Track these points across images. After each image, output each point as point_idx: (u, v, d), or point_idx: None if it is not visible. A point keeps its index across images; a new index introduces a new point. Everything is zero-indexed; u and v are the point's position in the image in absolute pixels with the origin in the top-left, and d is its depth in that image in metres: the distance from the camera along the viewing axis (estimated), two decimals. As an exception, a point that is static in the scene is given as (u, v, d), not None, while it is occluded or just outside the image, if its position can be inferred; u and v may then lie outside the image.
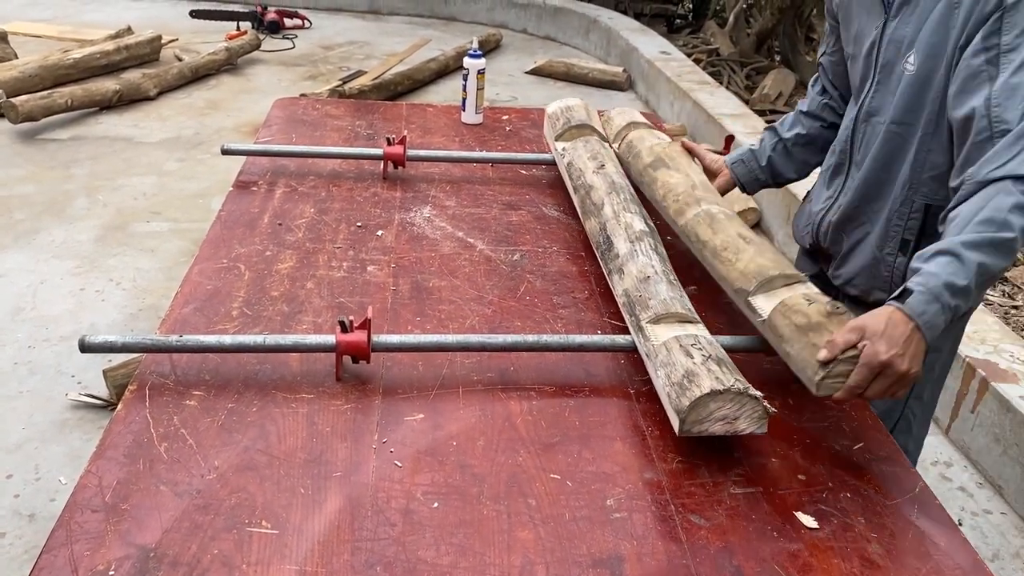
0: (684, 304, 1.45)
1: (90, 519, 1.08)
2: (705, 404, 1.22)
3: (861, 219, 1.62)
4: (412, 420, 1.31)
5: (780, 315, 1.35)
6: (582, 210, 1.87)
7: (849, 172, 1.64)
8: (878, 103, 1.54)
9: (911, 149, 1.51)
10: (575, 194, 1.93)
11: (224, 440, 1.24)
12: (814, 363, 1.25)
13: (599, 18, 7.50)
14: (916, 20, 1.45)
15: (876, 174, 1.57)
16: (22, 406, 2.72)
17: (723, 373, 1.24)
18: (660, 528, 1.14)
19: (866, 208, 1.61)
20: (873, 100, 1.55)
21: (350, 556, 1.06)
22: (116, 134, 5.00)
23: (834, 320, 1.30)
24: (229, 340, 1.37)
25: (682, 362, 1.28)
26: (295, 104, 2.67)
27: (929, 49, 1.43)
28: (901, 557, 1.13)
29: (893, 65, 1.50)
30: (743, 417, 1.23)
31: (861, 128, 1.59)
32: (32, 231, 3.83)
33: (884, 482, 1.27)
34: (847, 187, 1.65)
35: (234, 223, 1.86)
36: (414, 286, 1.68)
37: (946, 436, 2.88)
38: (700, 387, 1.22)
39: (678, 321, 1.41)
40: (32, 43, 6.53)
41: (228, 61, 6.27)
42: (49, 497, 2.37)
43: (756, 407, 1.23)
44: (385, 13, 8.61)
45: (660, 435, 1.31)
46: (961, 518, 2.52)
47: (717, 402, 1.22)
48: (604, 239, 1.69)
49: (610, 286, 1.63)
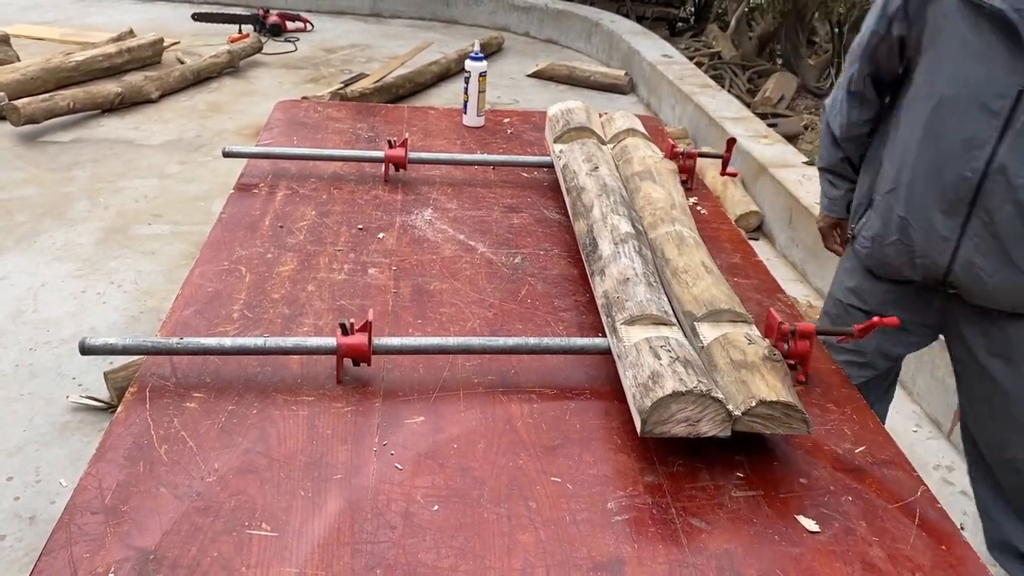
0: (661, 307, 1.45)
1: (90, 521, 1.08)
2: (667, 405, 1.21)
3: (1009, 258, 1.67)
4: (413, 423, 1.31)
5: (719, 346, 1.37)
6: (573, 212, 1.87)
7: (971, 219, 1.67)
8: (1013, 161, 1.57)
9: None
10: (567, 195, 1.94)
11: (224, 442, 1.23)
12: (737, 399, 1.26)
13: (601, 21, 7.51)
14: None
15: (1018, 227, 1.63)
16: (23, 408, 2.72)
17: (688, 375, 1.24)
18: (661, 531, 1.14)
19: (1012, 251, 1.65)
20: (1006, 155, 1.58)
21: (350, 559, 1.05)
22: (117, 136, 5.00)
23: (767, 365, 1.31)
24: (230, 342, 1.37)
25: (650, 363, 1.28)
26: (296, 107, 2.67)
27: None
28: (903, 561, 1.13)
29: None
30: (705, 420, 1.23)
31: (992, 179, 1.61)
32: (33, 233, 3.83)
33: (886, 486, 1.27)
34: (972, 231, 1.68)
35: (235, 225, 1.86)
36: (415, 289, 1.68)
37: (948, 440, 2.87)
38: (663, 388, 1.22)
39: (652, 323, 1.41)
40: (34, 46, 6.55)
41: (230, 64, 6.28)
42: (49, 499, 2.37)
43: (719, 410, 1.22)
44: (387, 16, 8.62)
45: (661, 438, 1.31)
46: (963, 522, 2.51)
47: (679, 403, 1.21)
48: (590, 240, 1.69)
49: (592, 288, 1.63)
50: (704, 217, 2.11)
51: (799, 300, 3.49)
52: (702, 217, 2.10)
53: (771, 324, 1.48)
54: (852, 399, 1.47)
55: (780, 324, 1.46)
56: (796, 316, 1.69)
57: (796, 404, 1.24)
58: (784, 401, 1.23)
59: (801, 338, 1.45)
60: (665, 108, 5.94)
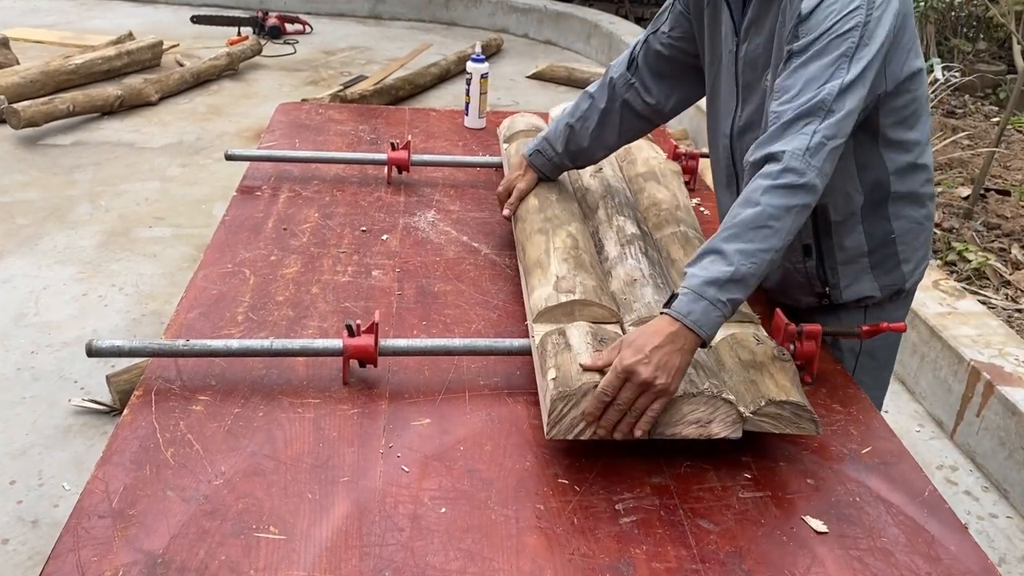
0: None
1: (97, 525, 1.08)
2: (678, 406, 1.21)
3: None
4: (419, 425, 1.31)
5: (727, 346, 1.37)
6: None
7: (738, 189, 1.63)
8: (749, 119, 1.56)
9: None
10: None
11: (231, 445, 1.23)
12: (746, 398, 1.25)
13: (600, 23, 7.51)
14: (764, 40, 1.47)
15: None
16: (25, 412, 2.72)
17: (697, 376, 1.24)
18: (669, 533, 1.14)
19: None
20: (743, 117, 1.57)
21: (358, 562, 1.05)
22: (118, 139, 5.00)
23: (776, 365, 1.30)
24: (237, 344, 1.37)
25: None
26: (298, 109, 2.67)
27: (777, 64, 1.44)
28: (911, 561, 1.13)
29: (754, 84, 1.52)
30: (716, 420, 1.23)
31: (738, 144, 1.60)
32: (35, 237, 3.83)
33: (893, 486, 1.27)
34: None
35: (239, 228, 1.86)
36: (419, 290, 1.67)
37: (951, 440, 2.87)
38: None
39: None
40: (34, 49, 6.54)
41: (229, 66, 6.28)
42: (52, 503, 2.36)
43: (730, 411, 1.22)
44: (386, 18, 8.62)
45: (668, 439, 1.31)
46: (967, 522, 2.51)
47: (690, 405, 1.21)
48: (596, 242, 1.69)
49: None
50: (707, 217, 2.11)
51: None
52: (706, 218, 2.10)
53: (778, 325, 1.48)
54: (857, 399, 1.47)
55: (787, 325, 1.45)
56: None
57: (805, 404, 1.24)
58: (794, 401, 1.23)
59: (808, 339, 1.45)
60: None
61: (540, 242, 1.60)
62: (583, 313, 1.41)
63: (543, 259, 1.55)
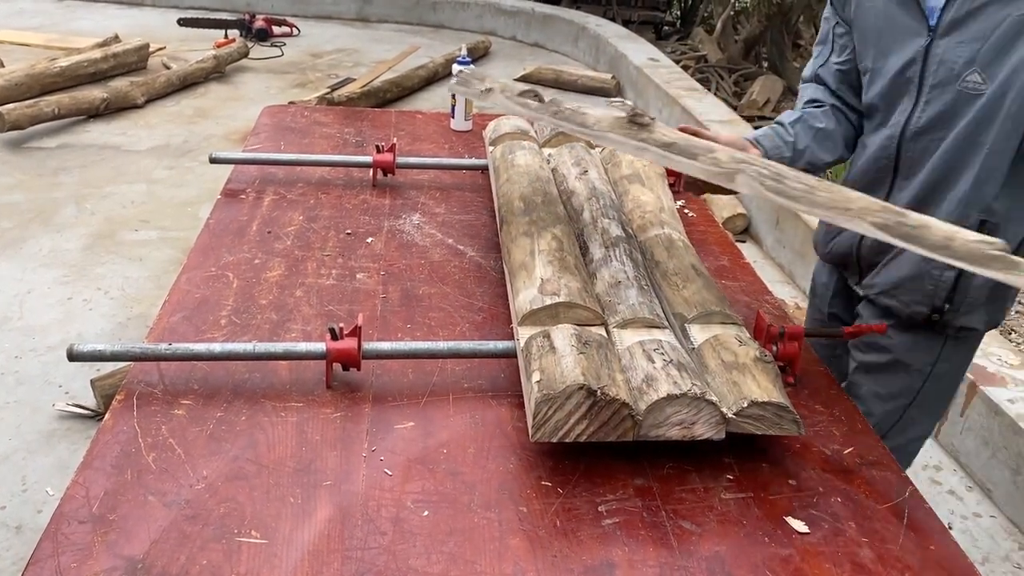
0: (653, 310, 1.45)
1: (77, 530, 1.07)
2: (662, 408, 1.22)
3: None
4: (402, 428, 1.31)
5: (710, 348, 1.37)
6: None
7: (892, 189, 1.60)
8: (931, 121, 1.51)
9: (975, 167, 1.48)
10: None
11: (213, 449, 1.23)
12: (728, 399, 1.25)
13: (587, 25, 7.53)
14: (974, 38, 1.43)
15: (930, 191, 1.55)
16: (9, 416, 2.70)
17: (681, 378, 1.24)
18: (651, 534, 1.14)
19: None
20: (923, 118, 1.52)
21: (340, 565, 1.05)
22: (104, 142, 4.98)
23: (759, 366, 1.31)
24: (219, 348, 1.36)
25: (643, 366, 1.28)
26: (284, 111, 2.66)
27: (999, 67, 1.41)
28: (892, 561, 1.13)
29: (947, 84, 1.47)
30: (700, 422, 1.23)
31: (909, 146, 1.56)
32: (19, 240, 3.81)
33: (874, 486, 1.27)
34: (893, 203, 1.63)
35: (222, 231, 1.86)
36: (404, 293, 1.67)
37: (935, 440, 2.89)
38: (657, 391, 1.22)
39: (645, 327, 1.41)
40: (18, 51, 6.51)
41: (216, 69, 6.26)
42: (36, 508, 2.35)
43: (713, 412, 1.23)
44: (374, 21, 8.62)
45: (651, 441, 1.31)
46: (951, 522, 2.52)
47: (674, 406, 1.22)
48: (581, 244, 1.70)
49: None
50: (692, 220, 2.11)
51: (787, 301, 3.51)
52: (690, 220, 2.11)
53: (760, 326, 1.48)
54: (840, 400, 1.48)
55: (769, 326, 1.46)
56: (784, 318, 1.69)
57: (787, 405, 1.25)
58: (776, 402, 1.24)
59: (790, 340, 1.46)
60: (652, 111, 5.95)
61: (525, 244, 1.60)
62: (568, 315, 1.41)
63: (528, 261, 1.55)
